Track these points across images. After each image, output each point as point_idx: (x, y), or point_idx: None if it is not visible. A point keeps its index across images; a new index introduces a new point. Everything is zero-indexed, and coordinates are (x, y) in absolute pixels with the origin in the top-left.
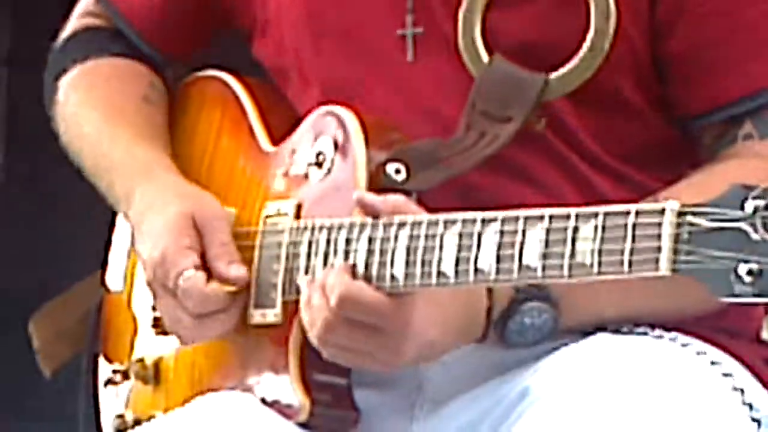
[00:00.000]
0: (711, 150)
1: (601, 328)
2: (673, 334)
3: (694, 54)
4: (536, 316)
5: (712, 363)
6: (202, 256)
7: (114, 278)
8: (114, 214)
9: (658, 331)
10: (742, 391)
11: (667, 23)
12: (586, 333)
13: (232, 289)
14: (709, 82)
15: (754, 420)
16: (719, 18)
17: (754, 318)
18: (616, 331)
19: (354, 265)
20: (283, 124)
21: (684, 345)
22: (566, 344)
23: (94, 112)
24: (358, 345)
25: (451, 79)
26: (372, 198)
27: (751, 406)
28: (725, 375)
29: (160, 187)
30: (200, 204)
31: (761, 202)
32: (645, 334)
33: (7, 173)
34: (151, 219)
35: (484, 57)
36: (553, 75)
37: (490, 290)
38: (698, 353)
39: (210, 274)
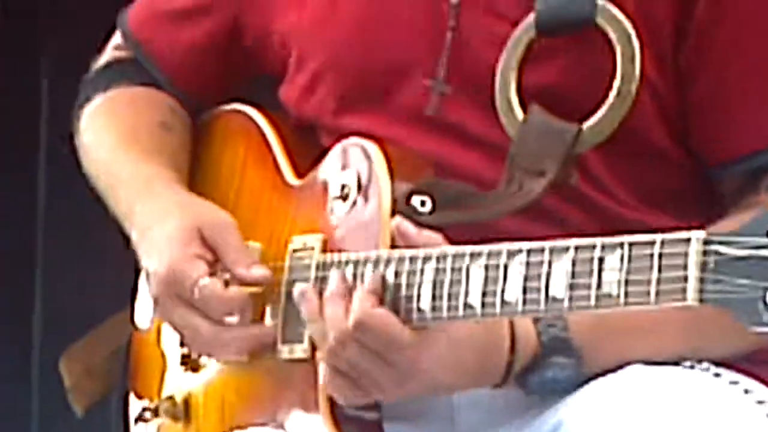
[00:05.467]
0: (733, 199)
1: None
2: (705, 364)
3: (715, 102)
4: (559, 371)
5: (746, 391)
6: (211, 265)
7: (142, 316)
8: None
9: (689, 362)
10: None
11: (688, 70)
12: None
13: (255, 290)
14: (729, 132)
15: None
16: (738, 64)
17: None
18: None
19: (383, 288)
20: (308, 157)
21: (716, 375)
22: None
23: (108, 136)
24: (364, 367)
25: (477, 134)
26: (410, 228)
27: None
28: (759, 402)
29: (160, 202)
30: (204, 214)
31: None
32: (677, 364)
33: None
34: (154, 233)
35: (519, 114)
36: (586, 124)
37: (512, 342)
38: (731, 383)
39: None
